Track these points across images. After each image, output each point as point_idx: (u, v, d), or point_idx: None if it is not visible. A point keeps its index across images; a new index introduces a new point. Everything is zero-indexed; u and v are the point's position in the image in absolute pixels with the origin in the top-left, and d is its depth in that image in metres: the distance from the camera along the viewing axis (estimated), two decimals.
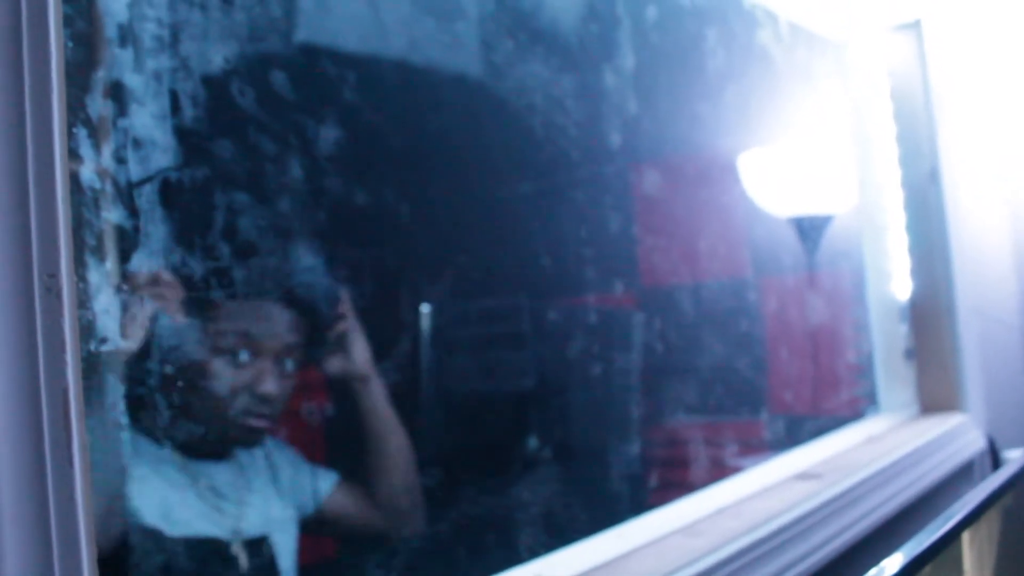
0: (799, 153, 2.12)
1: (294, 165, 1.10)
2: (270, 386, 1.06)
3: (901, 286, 1.83)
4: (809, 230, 2.20)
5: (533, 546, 1.35)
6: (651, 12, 1.93)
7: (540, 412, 1.82)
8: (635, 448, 1.94)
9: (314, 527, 1.20)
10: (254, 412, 1.08)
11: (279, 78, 1.02)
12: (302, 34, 1.17)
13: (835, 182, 2.04)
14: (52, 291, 0.59)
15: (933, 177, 1.79)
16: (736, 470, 1.57)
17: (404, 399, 1.34)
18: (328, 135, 1.12)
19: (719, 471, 1.67)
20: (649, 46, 2.00)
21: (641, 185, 2.32)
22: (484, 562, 1.21)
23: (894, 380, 1.82)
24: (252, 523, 1.12)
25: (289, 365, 1.11)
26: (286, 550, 1.14)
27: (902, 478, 1.49)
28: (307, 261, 1.17)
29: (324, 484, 1.22)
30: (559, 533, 1.35)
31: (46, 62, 0.60)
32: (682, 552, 1.10)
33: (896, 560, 0.88)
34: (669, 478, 1.96)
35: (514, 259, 1.89)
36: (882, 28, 1.83)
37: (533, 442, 1.72)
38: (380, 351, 1.27)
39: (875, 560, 0.89)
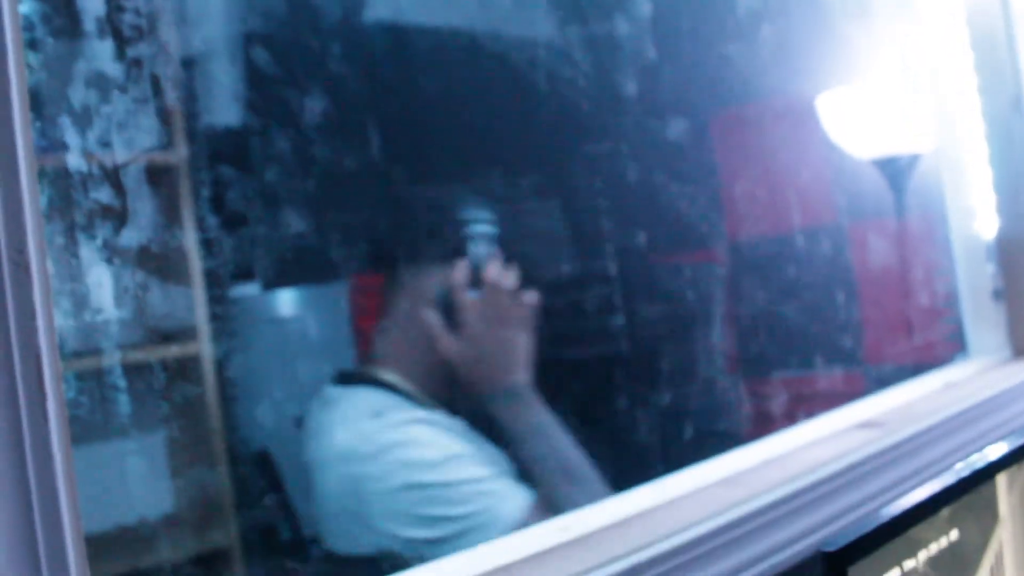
0: (877, 92, 2.03)
1: None
2: None
3: (986, 224, 1.73)
4: (896, 171, 2.10)
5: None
6: None
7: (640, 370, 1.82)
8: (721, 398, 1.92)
9: None
10: None
11: None
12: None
13: (917, 119, 1.94)
14: (20, 266, 0.64)
15: (1017, 106, 1.68)
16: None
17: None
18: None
19: (788, 422, 1.63)
20: None
21: (724, 136, 2.27)
22: None
23: (982, 323, 1.72)
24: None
25: None
26: None
27: (979, 425, 1.42)
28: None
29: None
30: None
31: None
32: (717, 502, 1.09)
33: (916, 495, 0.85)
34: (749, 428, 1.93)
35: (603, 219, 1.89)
36: None
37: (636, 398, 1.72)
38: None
39: None
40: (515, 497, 1.23)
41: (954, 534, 0.85)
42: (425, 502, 1.20)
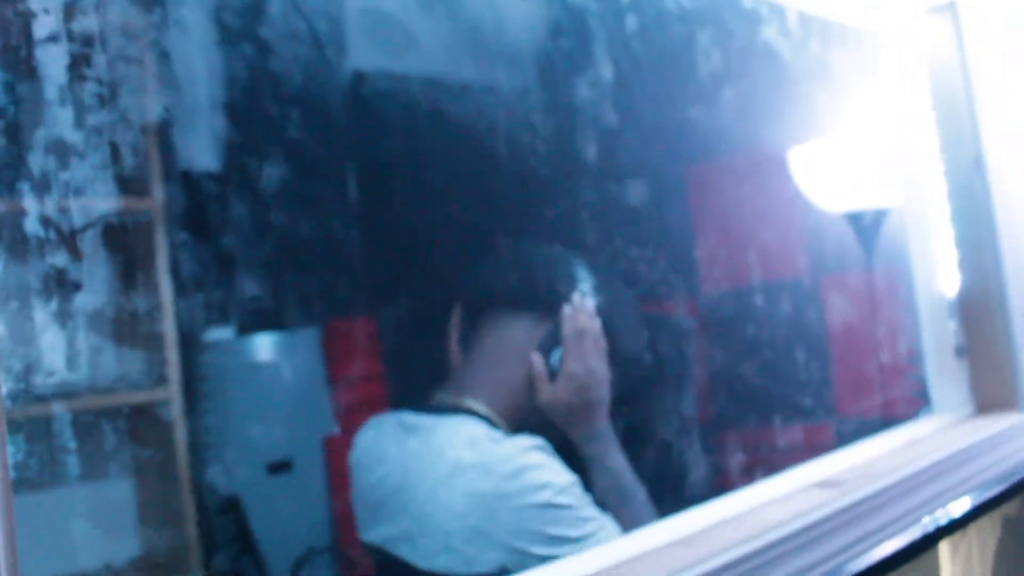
0: (845, 147, 2.06)
1: None
2: None
3: (949, 281, 1.76)
4: (865, 226, 2.13)
5: None
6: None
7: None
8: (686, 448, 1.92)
9: None
10: None
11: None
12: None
13: (884, 176, 1.97)
14: None
15: (978, 165, 1.71)
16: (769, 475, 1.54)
17: None
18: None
19: (747, 478, 1.64)
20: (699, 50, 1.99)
21: (697, 187, 2.30)
22: None
23: (946, 379, 1.74)
24: None
25: None
26: None
27: (940, 482, 1.43)
28: None
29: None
30: None
31: None
32: (673, 562, 1.10)
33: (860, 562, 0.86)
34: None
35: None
36: (916, 13, 1.77)
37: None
38: None
39: None
40: (611, 526, 1.33)
41: None
42: (555, 522, 1.29)
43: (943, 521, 0.90)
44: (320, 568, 2.19)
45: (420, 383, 2.17)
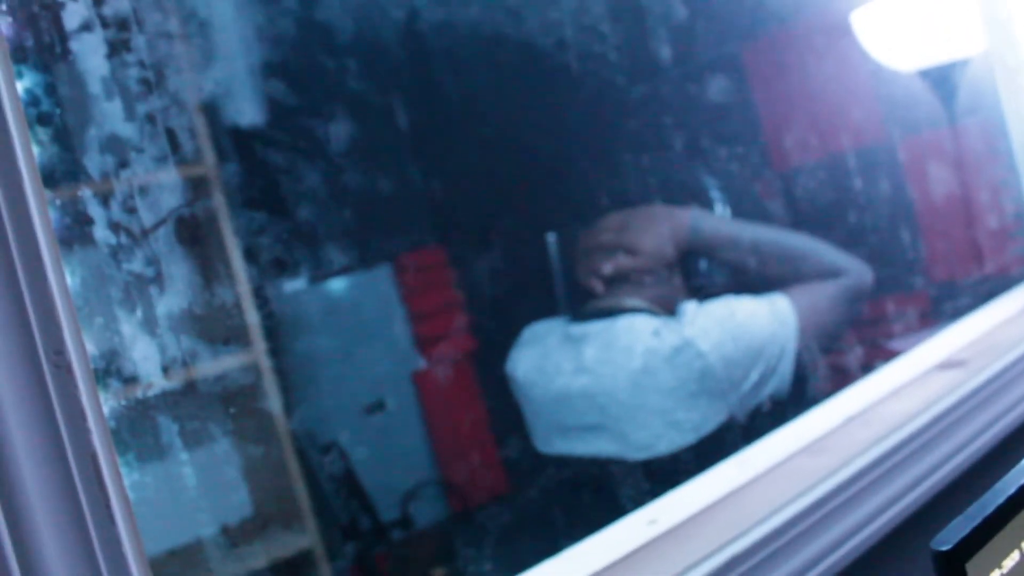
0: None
1: None
2: None
3: None
4: (941, 79, 2.00)
5: None
6: None
7: None
8: None
9: None
10: None
11: None
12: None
13: (959, 22, 1.83)
14: (61, 368, 0.61)
15: None
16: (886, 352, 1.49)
17: None
18: None
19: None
20: None
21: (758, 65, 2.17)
22: None
23: None
24: None
25: None
26: None
27: None
28: None
29: None
30: None
31: (9, 149, 0.61)
32: (804, 475, 1.05)
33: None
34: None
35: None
36: None
37: None
38: None
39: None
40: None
41: None
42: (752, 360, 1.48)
43: None
44: (428, 499, 2.22)
45: (500, 303, 2.14)
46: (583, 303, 1.64)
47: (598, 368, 1.51)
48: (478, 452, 2.15)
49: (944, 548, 0.66)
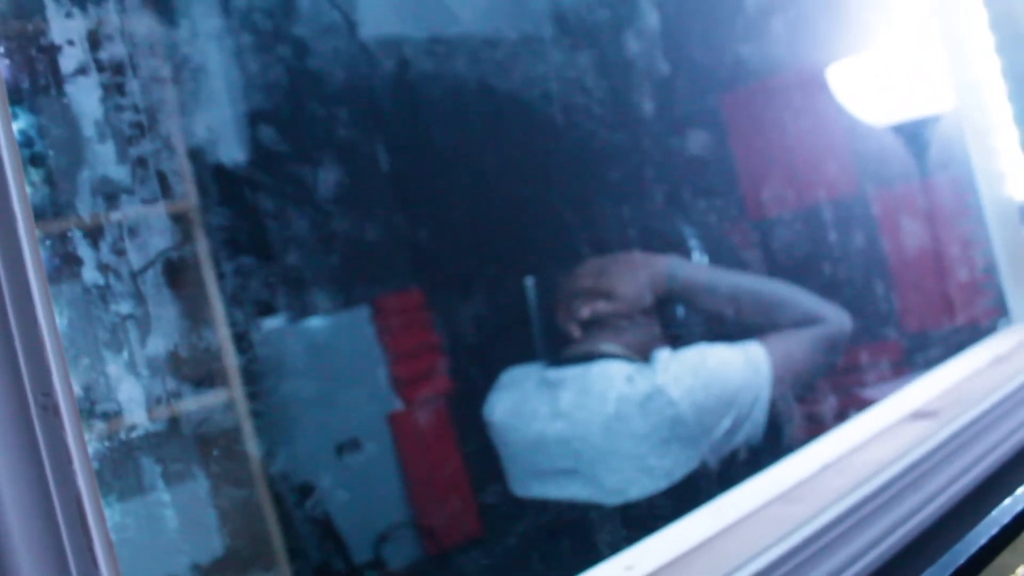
0: (888, 57, 1.97)
1: None
2: None
3: (1017, 186, 1.68)
4: (913, 135, 2.05)
5: None
6: None
7: None
8: None
9: None
10: None
11: None
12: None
13: (930, 81, 1.88)
14: (48, 409, 0.62)
15: None
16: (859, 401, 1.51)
17: None
18: None
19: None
20: None
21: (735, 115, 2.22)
22: None
23: (1022, 287, 1.68)
24: None
25: None
26: None
27: None
28: None
29: None
30: None
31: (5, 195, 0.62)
32: (780, 523, 1.06)
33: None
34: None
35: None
36: None
37: None
38: None
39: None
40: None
41: None
42: (724, 407, 1.50)
43: None
44: (402, 541, 2.20)
45: (478, 347, 2.14)
46: (560, 348, 1.65)
47: (573, 413, 1.53)
48: (453, 495, 2.14)
49: None
